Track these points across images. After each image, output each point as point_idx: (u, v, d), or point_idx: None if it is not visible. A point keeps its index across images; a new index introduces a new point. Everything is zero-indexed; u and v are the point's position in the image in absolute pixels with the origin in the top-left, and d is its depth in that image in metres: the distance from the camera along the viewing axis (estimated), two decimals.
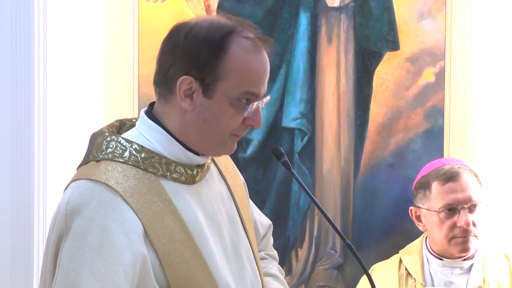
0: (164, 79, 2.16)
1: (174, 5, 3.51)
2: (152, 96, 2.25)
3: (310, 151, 3.56)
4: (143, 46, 3.47)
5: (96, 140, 2.20)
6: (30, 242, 3.01)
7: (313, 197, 2.37)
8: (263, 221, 2.57)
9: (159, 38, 2.21)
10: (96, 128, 2.27)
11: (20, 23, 3.07)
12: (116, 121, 2.30)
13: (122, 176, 2.11)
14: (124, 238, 2.05)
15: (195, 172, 2.22)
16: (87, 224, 2.04)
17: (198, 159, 2.22)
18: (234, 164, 2.48)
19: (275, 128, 3.55)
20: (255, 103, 2.15)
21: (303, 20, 3.55)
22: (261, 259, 2.49)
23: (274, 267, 2.52)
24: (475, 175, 3.26)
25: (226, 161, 2.42)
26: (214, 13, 3.45)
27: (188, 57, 2.12)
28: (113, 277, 2.02)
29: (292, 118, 3.55)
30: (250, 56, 2.14)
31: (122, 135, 2.21)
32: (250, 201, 2.50)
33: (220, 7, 3.53)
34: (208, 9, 3.53)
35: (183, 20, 2.21)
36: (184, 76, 2.12)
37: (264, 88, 2.18)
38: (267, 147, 3.51)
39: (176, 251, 2.12)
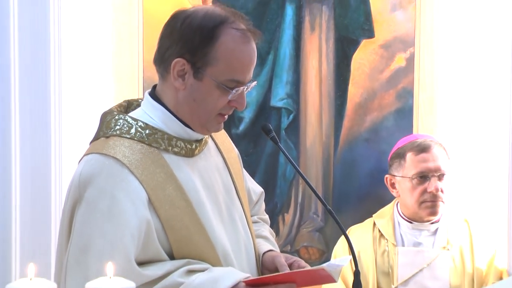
0: (161, 59, 2.18)
1: None
2: (155, 79, 2.26)
3: (295, 127, 3.57)
4: (147, 35, 3.46)
5: (106, 119, 2.22)
6: (48, 209, 3.00)
7: (298, 168, 2.39)
8: (256, 189, 2.58)
9: (161, 28, 2.22)
10: (107, 107, 2.28)
11: (37, 18, 3.04)
12: (124, 101, 2.32)
13: (129, 150, 2.13)
14: (131, 205, 2.08)
15: (194, 146, 2.24)
16: (98, 192, 2.08)
17: (196, 135, 2.24)
18: (230, 139, 2.49)
19: (264, 107, 3.55)
20: (240, 89, 2.16)
21: (289, 10, 3.55)
22: (254, 222, 2.51)
23: (266, 230, 2.54)
24: (444, 148, 3.29)
25: (222, 136, 2.45)
26: (210, 4, 3.44)
27: (183, 42, 2.14)
28: (122, 239, 2.06)
29: (279, 98, 3.55)
30: (238, 47, 2.14)
31: (129, 114, 2.23)
32: (244, 171, 2.53)
33: None
34: (204, 0, 3.51)
35: (184, 7, 2.22)
36: (178, 59, 2.14)
37: (249, 75, 2.19)
38: (257, 124, 3.51)
39: (177, 216, 2.14)
